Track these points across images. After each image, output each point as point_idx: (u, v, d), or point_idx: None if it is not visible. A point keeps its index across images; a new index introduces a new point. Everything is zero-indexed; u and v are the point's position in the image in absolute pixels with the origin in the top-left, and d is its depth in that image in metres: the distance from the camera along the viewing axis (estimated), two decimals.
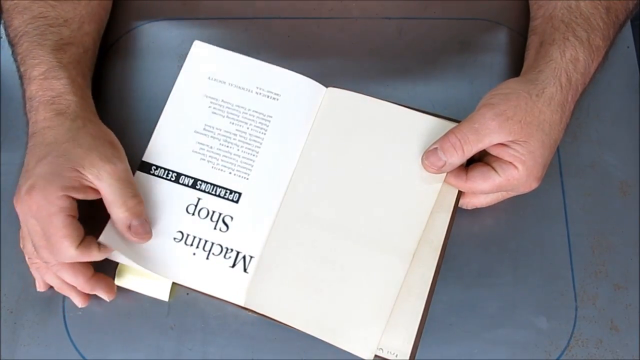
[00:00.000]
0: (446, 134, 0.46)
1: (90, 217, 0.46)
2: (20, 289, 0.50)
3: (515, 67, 0.56)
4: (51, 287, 0.49)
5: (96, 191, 0.45)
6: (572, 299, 0.49)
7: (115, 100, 0.55)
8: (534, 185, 0.47)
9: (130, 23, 0.58)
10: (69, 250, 0.44)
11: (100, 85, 0.56)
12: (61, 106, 0.47)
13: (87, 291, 0.48)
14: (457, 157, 0.46)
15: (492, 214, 0.52)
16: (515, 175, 0.46)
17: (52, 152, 0.45)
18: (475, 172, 0.47)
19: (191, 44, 0.53)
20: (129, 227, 0.46)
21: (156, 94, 0.56)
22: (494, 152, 0.46)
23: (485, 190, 0.47)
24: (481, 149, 0.46)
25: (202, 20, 0.58)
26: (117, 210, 0.45)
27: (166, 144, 0.50)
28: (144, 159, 0.50)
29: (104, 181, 0.45)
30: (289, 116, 0.51)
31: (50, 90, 0.47)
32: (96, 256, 0.45)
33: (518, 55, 0.57)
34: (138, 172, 0.50)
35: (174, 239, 0.48)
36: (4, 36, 0.58)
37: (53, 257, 0.45)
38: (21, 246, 0.48)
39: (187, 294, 0.49)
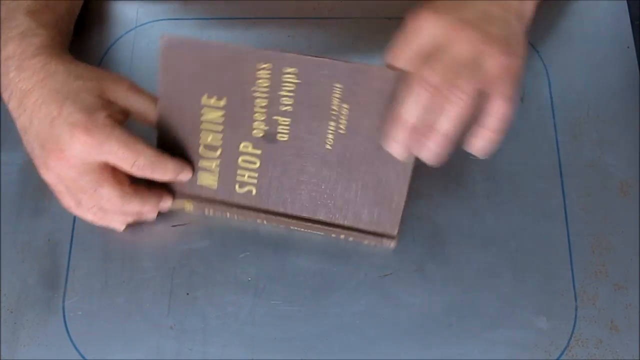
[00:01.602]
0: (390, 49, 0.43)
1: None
2: (20, 289, 0.50)
3: None
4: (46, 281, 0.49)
5: (125, 113, 0.46)
6: (572, 299, 0.49)
7: None
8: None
9: (130, 23, 0.58)
10: (147, 151, 0.45)
11: None
12: (46, 57, 0.45)
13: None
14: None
15: (492, 214, 0.52)
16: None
17: (69, 95, 0.44)
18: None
19: None
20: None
21: (157, 93, 0.56)
22: None
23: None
24: None
25: (202, 20, 0.58)
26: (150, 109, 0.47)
27: None
28: None
29: (130, 95, 0.46)
30: None
31: (31, 46, 0.45)
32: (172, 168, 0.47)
33: None
34: None
35: None
36: None
37: (119, 191, 0.46)
38: (77, 213, 0.48)
39: (187, 294, 0.49)
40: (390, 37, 0.57)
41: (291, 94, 0.45)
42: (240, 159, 0.48)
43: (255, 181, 0.49)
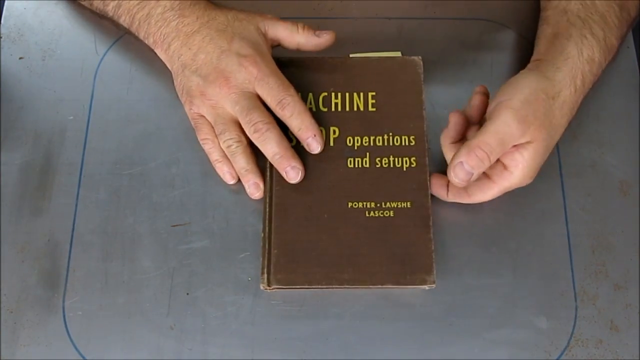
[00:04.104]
0: (471, 147, 0.45)
1: None
2: (20, 289, 0.50)
3: (516, 67, 0.56)
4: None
5: (276, 41, 0.53)
6: (572, 299, 0.49)
7: (115, 101, 0.56)
8: (528, 182, 0.48)
9: None
10: (295, 96, 0.49)
11: (100, 85, 0.56)
12: (203, 4, 0.52)
13: (287, 160, 0.49)
14: (484, 168, 0.46)
15: (492, 214, 0.52)
16: (510, 180, 0.47)
17: (235, 32, 0.50)
18: (474, 189, 0.48)
19: None
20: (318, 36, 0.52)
21: (156, 94, 0.56)
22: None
23: (485, 199, 0.49)
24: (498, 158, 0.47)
25: None
26: (296, 32, 0.52)
27: None
28: None
29: (277, 25, 0.52)
30: None
31: (184, 1, 0.52)
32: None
33: (518, 55, 0.57)
34: None
35: None
36: (3, 36, 0.58)
37: (262, 114, 0.49)
38: (207, 149, 0.52)
39: (187, 294, 0.49)
40: (390, 37, 0.57)
41: None
42: None
43: None
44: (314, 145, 0.49)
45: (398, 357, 0.48)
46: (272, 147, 0.49)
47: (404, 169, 0.50)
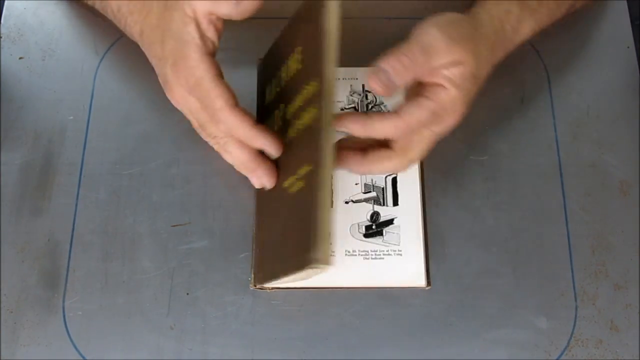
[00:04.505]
0: (396, 55, 0.42)
1: None
2: (20, 289, 0.50)
3: (515, 66, 0.56)
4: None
5: (219, 20, 0.45)
6: (572, 299, 0.49)
7: (115, 101, 0.55)
8: (458, 113, 0.44)
9: None
10: (227, 114, 0.43)
11: (100, 85, 0.56)
12: None
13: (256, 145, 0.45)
14: (405, 80, 0.42)
15: (492, 214, 0.52)
16: (445, 98, 0.43)
17: (166, 29, 0.45)
18: (408, 104, 0.43)
19: None
20: (239, 4, 0.43)
21: (156, 94, 0.56)
22: (427, 77, 0.44)
23: (420, 119, 0.43)
24: (425, 72, 0.43)
25: None
26: (220, 5, 0.43)
27: None
28: None
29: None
30: None
31: None
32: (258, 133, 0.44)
33: (518, 55, 0.57)
34: None
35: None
36: (3, 36, 0.58)
37: (217, 127, 0.45)
38: (203, 136, 0.48)
39: (187, 294, 0.49)
40: (390, 37, 0.57)
41: None
42: None
43: None
44: (269, 152, 0.46)
45: (398, 357, 0.48)
46: (233, 159, 0.46)
47: (310, 123, 0.42)
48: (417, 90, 0.44)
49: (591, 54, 0.57)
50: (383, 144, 0.46)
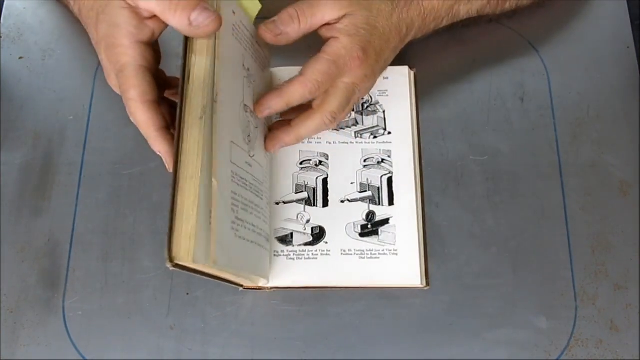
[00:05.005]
0: (285, 9, 0.46)
1: None
2: (20, 289, 0.50)
3: (515, 66, 0.56)
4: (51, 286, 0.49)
5: (156, 20, 0.42)
6: (572, 299, 0.49)
7: (115, 101, 0.55)
8: (358, 59, 0.46)
9: None
10: (136, 107, 0.42)
11: (100, 85, 0.56)
12: None
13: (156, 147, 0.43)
14: (294, 28, 0.46)
15: (492, 214, 0.52)
16: (338, 46, 0.46)
17: (100, 12, 0.43)
18: (308, 61, 0.46)
19: None
20: (191, 24, 0.40)
21: None
22: (323, 34, 0.47)
23: (322, 70, 0.45)
24: (315, 25, 0.47)
25: None
26: (169, 13, 0.40)
27: None
28: None
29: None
30: None
31: None
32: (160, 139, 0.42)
33: (518, 55, 0.57)
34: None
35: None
36: (3, 36, 0.58)
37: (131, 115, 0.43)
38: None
39: (187, 294, 0.49)
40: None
41: None
42: None
43: None
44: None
45: (398, 357, 0.48)
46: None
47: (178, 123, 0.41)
48: None
49: (591, 54, 0.57)
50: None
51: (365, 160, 0.52)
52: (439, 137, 0.54)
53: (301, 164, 0.52)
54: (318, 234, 0.49)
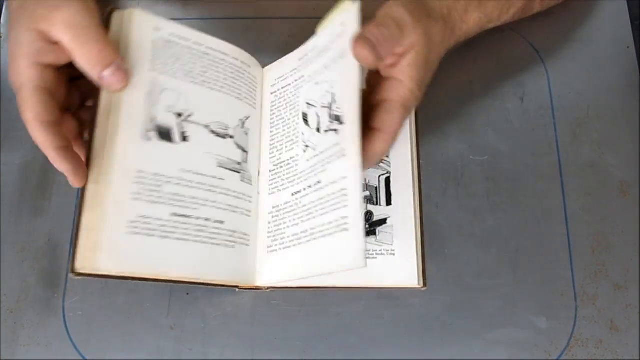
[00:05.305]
0: (373, 24, 0.42)
1: None
2: (20, 289, 0.50)
3: (515, 66, 0.56)
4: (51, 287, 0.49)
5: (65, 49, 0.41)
6: (572, 299, 0.49)
7: None
8: (419, 99, 0.45)
9: None
10: (32, 128, 0.41)
11: None
12: None
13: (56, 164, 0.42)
14: (387, 48, 0.42)
15: (492, 214, 0.52)
16: (405, 92, 0.44)
17: (17, 18, 0.41)
18: (381, 115, 0.44)
19: None
20: (101, 79, 0.41)
21: None
22: (385, 72, 0.45)
23: (398, 121, 0.44)
24: (396, 51, 0.43)
25: (202, 20, 0.58)
26: (81, 58, 0.40)
27: None
28: None
29: (61, 30, 0.40)
30: None
31: None
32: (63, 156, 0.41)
33: (518, 55, 0.57)
34: None
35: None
36: (3, 36, 0.58)
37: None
38: None
39: (187, 293, 0.49)
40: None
41: None
42: None
43: None
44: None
45: (398, 357, 0.48)
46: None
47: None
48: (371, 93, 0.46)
49: (591, 54, 0.57)
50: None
51: None
52: (439, 137, 0.54)
53: None
54: None
